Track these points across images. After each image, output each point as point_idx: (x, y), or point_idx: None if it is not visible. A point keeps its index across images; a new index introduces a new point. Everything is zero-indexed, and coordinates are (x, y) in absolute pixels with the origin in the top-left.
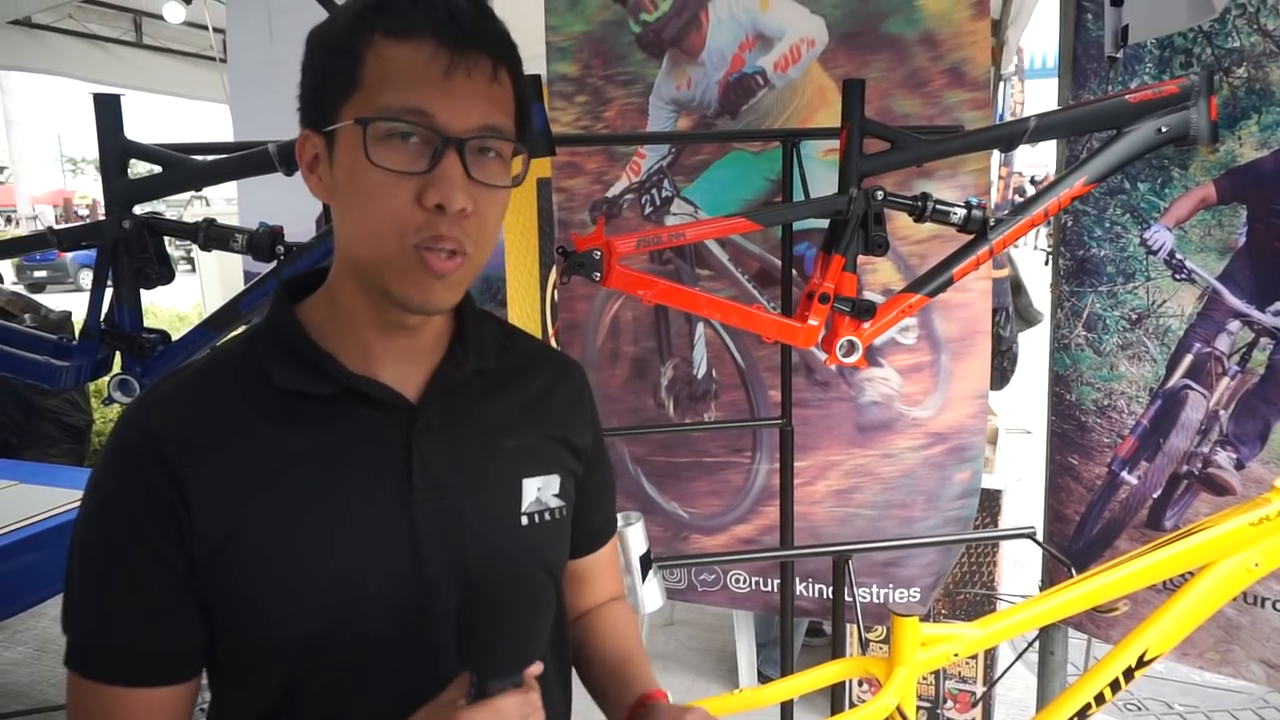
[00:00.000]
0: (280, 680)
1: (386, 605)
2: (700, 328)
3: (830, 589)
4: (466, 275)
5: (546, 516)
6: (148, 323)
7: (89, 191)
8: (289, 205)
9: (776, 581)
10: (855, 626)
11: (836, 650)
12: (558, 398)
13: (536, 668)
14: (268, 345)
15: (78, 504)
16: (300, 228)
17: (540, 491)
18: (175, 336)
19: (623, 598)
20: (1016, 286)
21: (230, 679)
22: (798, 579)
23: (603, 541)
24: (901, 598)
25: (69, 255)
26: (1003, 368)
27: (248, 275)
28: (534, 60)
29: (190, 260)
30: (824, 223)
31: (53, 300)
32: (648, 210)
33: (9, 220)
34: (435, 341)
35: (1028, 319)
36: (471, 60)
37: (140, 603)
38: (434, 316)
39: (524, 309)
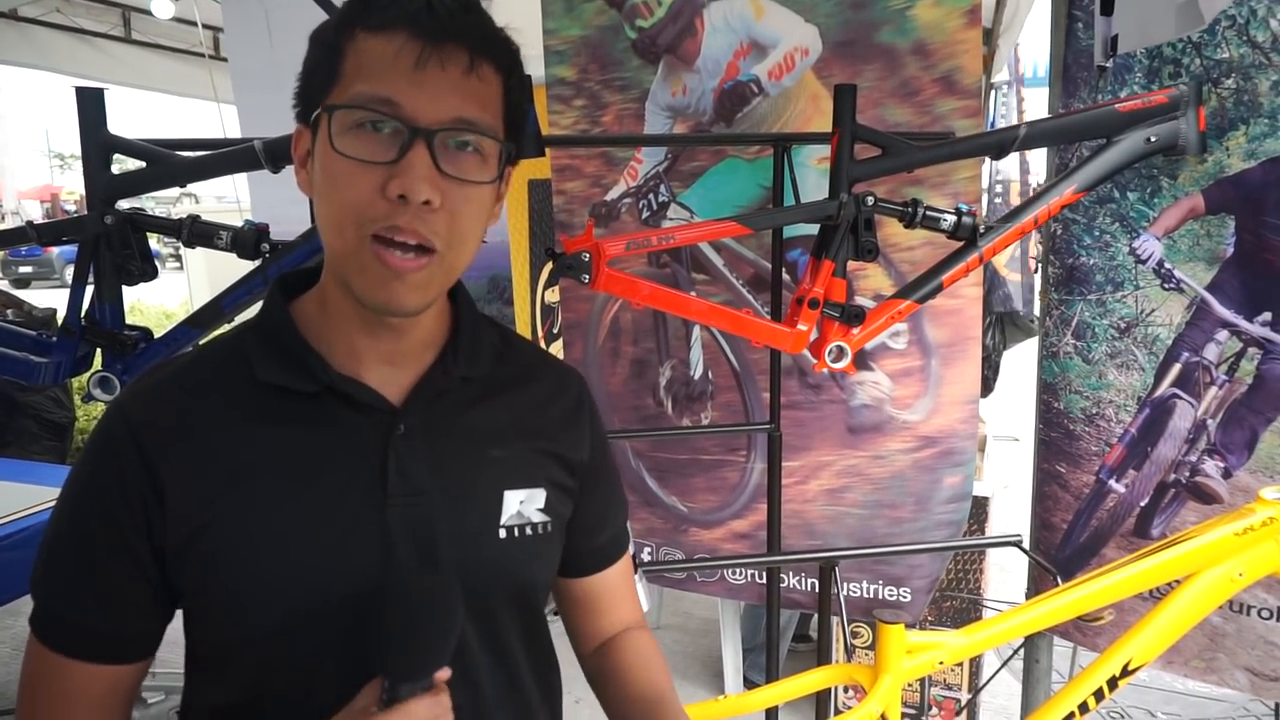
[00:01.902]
0: (248, 675)
1: (351, 609)
2: (696, 330)
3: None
4: (436, 275)
5: (528, 531)
6: (135, 320)
7: (77, 187)
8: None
9: None
10: (841, 633)
11: (822, 657)
12: (553, 410)
13: (444, 672)
14: (256, 339)
15: None
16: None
17: (523, 505)
18: (160, 334)
19: (644, 626)
20: None
21: (202, 670)
22: (790, 572)
23: (612, 559)
24: (891, 595)
25: (55, 251)
26: (984, 376)
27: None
28: (531, 62)
29: (179, 258)
30: (816, 228)
31: (38, 296)
32: (645, 215)
33: None
34: (425, 345)
35: (1025, 329)
36: (445, 52)
37: (95, 586)
38: (419, 319)
39: (516, 309)
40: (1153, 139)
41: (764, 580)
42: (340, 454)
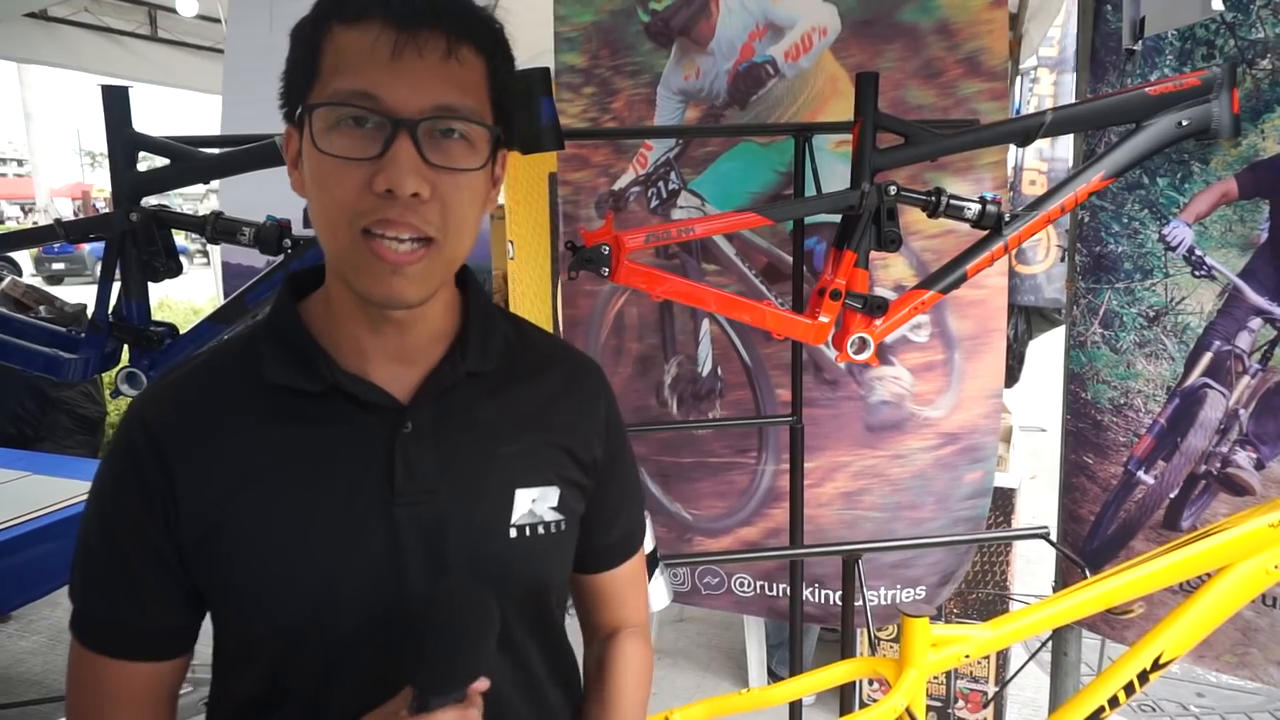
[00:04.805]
0: (264, 672)
1: (362, 608)
2: (706, 324)
3: (836, 594)
4: (435, 266)
5: (540, 530)
6: (162, 315)
7: (107, 185)
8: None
9: (782, 586)
10: (866, 625)
11: (846, 650)
12: (567, 404)
13: (482, 684)
14: (267, 339)
15: None
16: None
17: (535, 503)
18: (185, 329)
19: (644, 631)
20: None
21: (227, 663)
22: (802, 583)
23: (622, 557)
24: (908, 598)
25: (86, 247)
26: (1009, 366)
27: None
28: (545, 55)
29: (206, 253)
30: (834, 217)
31: (70, 292)
32: (654, 204)
33: (28, 212)
34: (433, 340)
35: (1050, 320)
36: (422, 39)
37: (127, 585)
38: (426, 313)
39: (535, 304)
40: (1184, 123)
41: (774, 593)
42: (348, 453)
